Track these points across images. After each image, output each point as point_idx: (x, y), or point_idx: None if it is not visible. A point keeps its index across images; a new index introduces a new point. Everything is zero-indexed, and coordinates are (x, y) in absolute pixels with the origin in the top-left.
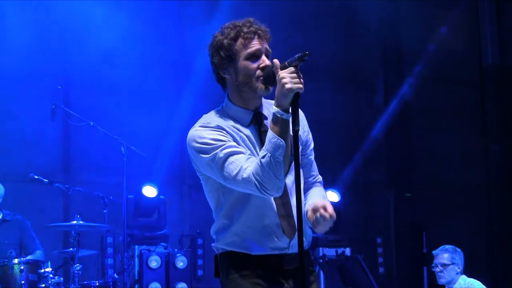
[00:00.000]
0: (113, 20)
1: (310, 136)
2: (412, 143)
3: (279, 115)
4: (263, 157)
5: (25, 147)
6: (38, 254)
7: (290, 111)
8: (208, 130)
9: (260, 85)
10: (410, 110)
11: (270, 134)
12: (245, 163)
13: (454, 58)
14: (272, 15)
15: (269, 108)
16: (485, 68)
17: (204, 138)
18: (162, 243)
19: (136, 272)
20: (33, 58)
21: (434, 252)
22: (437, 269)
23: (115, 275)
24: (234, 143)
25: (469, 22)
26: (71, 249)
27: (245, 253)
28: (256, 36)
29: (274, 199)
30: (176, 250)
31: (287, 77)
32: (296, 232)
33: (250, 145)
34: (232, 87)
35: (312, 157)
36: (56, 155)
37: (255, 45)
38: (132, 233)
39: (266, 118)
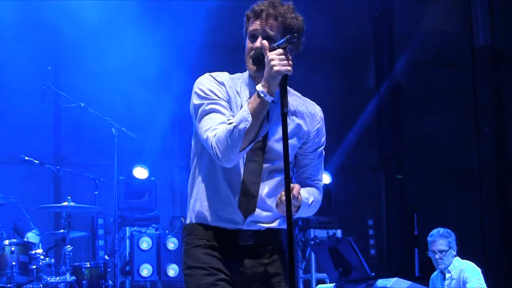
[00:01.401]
0: (102, 0)
1: (322, 139)
2: (403, 125)
3: (262, 95)
4: (229, 124)
5: (16, 128)
6: (34, 233)
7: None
8: (211, 81)
9: (251, 66)
10: (401, 92)
11: (244, 107)
12: (217, 125)
13: (446, 40)
14: None
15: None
16: (476, 50)
17: (203, 85)
18: (153, 225)
19: (127, 254)
20: (22, 39)
21: (429, 239)
22: (436, 256)
23: (106, 256)
24: (225, 104)
25: (461, 4)
26: (62, 230)
27: (202, 223)
28: (260, 17)
29: (245, 176)
30: (167, 231)
31: (276, 59)
32: (252, 213)
33: None
34: None
35: (316, 161)
36: (47, 136)
37: (255, 25)
38: (123, 215)
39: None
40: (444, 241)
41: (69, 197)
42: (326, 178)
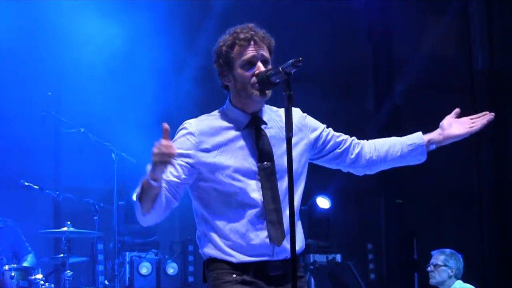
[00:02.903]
0: (103, 26)
1: (320, 127)
2: None
3: (148, 180)
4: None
5: (15, 153)
6: (30, 258)
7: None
8: (180, 135)
9: (256, 92)
10: (400, 115)
11: (140, 183)
12: None
13: (445, 63)
14: (262, 20)
15: (270, 114)
16: (475, 73)
17: (174, 141)
18: (153, 250)
19: (127, 279)
20: (23, 64)
21: (432, 252)
22: (429, 268)
23: (106, 281)
24: (176, 161)
25: (459, 28)
26: (61, 255)
27: (227, 260)
28: (252, 43)
29: (266, 205)
30: (166, 256)
31: (156, 150)
32: (283, 240)
33: (238, 148)
34: (233, 92)
35: (330, 133)
36: (46, 161)
37: (250, 52)
38: (123, 240)
39: (265, 123)
40: (442, 257)
41: (69, 222)
42: (325, 203)
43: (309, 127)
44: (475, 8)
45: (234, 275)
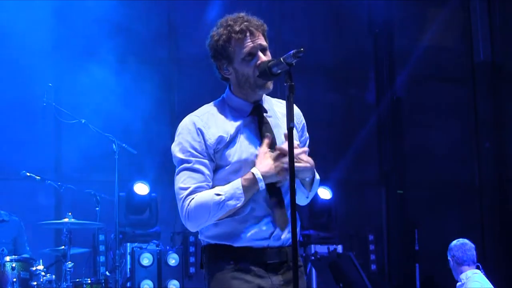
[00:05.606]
0: (102, 16)
1: (307, 134)
2: (404, 140)
3: (258, 183)
4: (218, 194)
5: (17, 145)
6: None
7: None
8: (192, 133)
9: (259, 86)
10: (402, 107)
11: (238, 184)
12: (195, 186)
13: (446, 55)
14: (262, 11)
15: (270, 103)
16: (476, 65)
17: (186, 140)
18: (154, 241)
19: (128, 270)
20: (23, 55)
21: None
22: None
23: (107, 272)
24: (206, 161)
25: (461, 19)
26: (63, 247)
27: (227, 245)
28: (248, 34)
29: (268, 190)
30: (168, 247)
31: (279, 164)
32: (287, 224)
33: (244, 136)
34: (234, 83)
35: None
36: (47, 152)
37: (248, 44)
38: (124, 231)
39: (266, 111)
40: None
41: (70, 213)
42: (326, 194)
43: (303, 127)
44: None
45: (232, 262)
